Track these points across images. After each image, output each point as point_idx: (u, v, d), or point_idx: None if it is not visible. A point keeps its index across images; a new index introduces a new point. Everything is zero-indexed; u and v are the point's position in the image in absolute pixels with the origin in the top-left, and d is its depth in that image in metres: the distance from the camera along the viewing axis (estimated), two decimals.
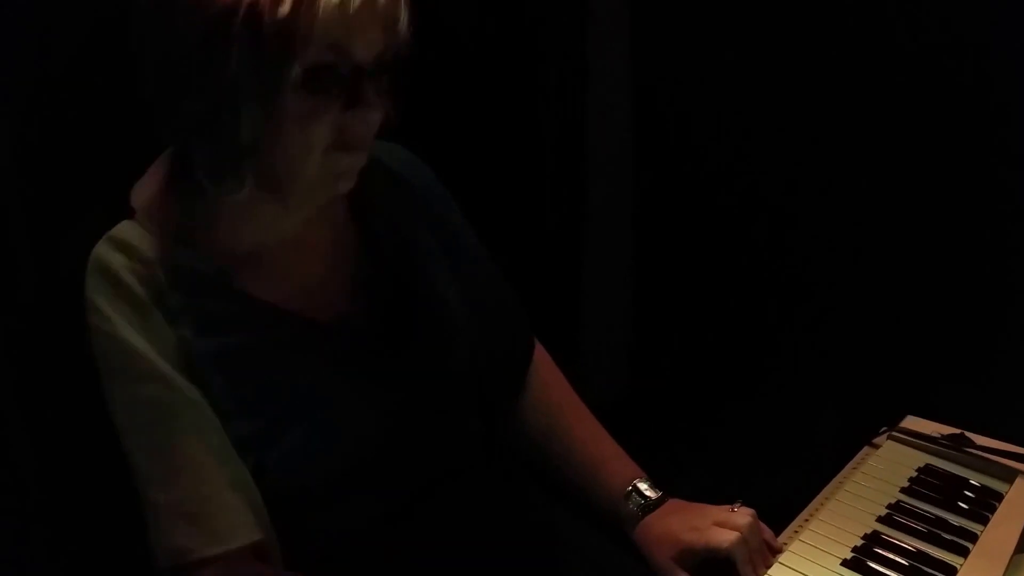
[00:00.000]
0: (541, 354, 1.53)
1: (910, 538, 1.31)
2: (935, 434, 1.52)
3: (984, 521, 1.33)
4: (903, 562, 1.25)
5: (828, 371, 2.27)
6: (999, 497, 1.39)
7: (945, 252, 2.11)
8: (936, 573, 1.23)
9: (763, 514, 1.32)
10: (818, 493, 1.42)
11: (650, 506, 1.37)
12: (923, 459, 1.49)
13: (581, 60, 2.40)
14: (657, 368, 2.54)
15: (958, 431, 1.51)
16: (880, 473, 1.45)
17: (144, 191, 1.17)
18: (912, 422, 1.56)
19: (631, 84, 2.56)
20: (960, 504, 1.37)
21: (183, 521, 1.09)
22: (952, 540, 1.30)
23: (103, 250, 1.13)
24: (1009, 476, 1.43)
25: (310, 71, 1.01)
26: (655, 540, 1.34)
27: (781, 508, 1.39)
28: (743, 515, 1.30)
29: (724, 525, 1.29)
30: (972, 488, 1.41)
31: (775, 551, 1.29)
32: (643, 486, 1.39)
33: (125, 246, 1.12)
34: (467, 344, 1.30)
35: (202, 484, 1.10)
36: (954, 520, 1.34)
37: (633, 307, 2.68)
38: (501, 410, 1.41)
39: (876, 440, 1.54)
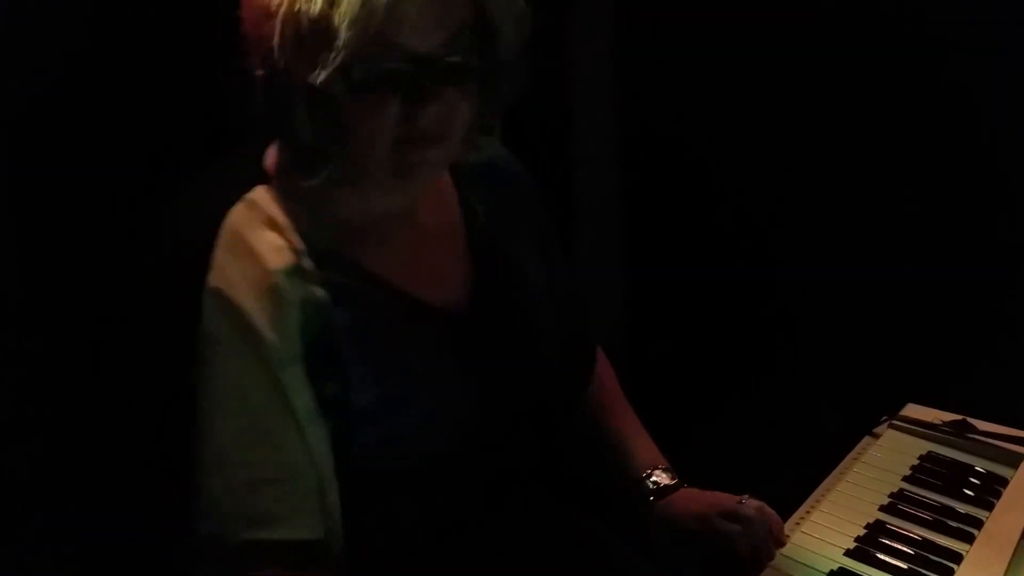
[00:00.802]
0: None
1: (914, 526, 1.28)
2: (936, 421, 1.50)
3: (989, 507, 1.31)
4: (907, 550, 1.23)
5: (828, 361, 2.24)
6: (1004, 482, 1.36)
7: (942, 239, 2.09)
8: (941, 561, 1.21)
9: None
10: (819, 484, 1.39)
11: (664, 491, 1.37)
12: (925, 447, 1.47)
13: (562, 58, 2.39)
14: (654, 358, 2.51)
15: (960, 418, 1.49)
16: (882, 462, 1.43)
17: (274, 158, 1.16)
18: (913, 410, 1.54)
19: (614, 79, 2.54)
20: (964, 491, 1.35)
21: (235, 502, 1.05)
22: (957, 527, 1.27)
23: (239, 214, 1.11)
24: (1013, 461, 1.41)
25: (359, 67, 1.00)
26: (663, 525, 1.34)
27: (783, 499, 1.36)
28: (749, 507, 1.28)
29: (730, 516, 1.28)
30: (976, 474, 1.39)
31: (781, 543, 1.27)
32: (660, 472, 1.39)
33: (262, 212, 1.11)
34: (555, 344, 1.30)
35: (272, 468, 1.07)
36: (959, 507, 1.32)
37: (627, 297, 2.66)
38: (564, 413, 1.42)
39: (877, 429, 1.52)
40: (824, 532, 1.28)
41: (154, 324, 1.18)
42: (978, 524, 1.28)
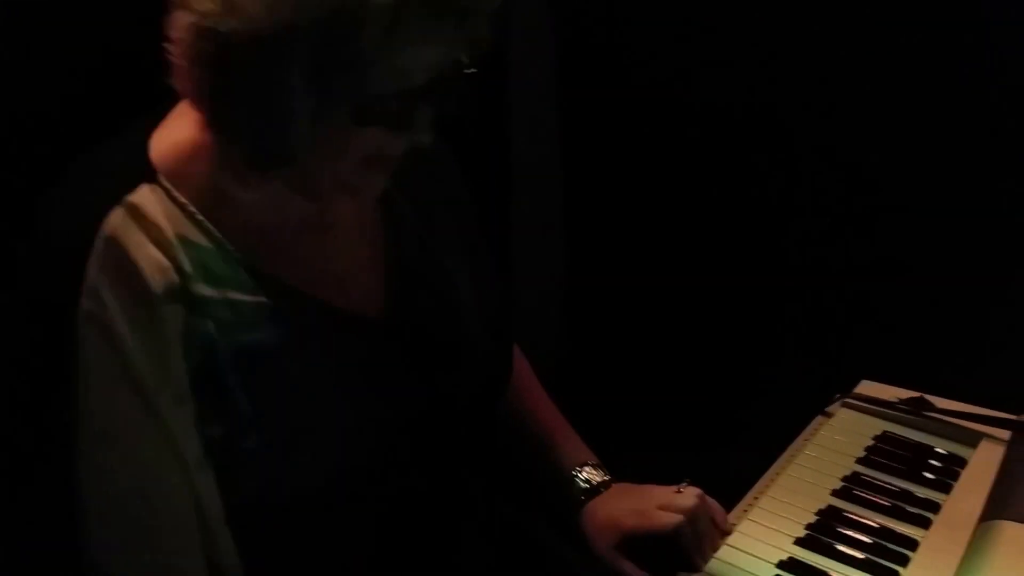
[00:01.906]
0: None
1: (868, 512, 1.21)
2: (892, 399, 1.43)
3: (947, 490, 1.25)
4: (862, 538, 1.16)
5: (779, 338, 2.18)
6: (963, 463, 1.30)
7: (893, 213, 2.03)
8: (896, 549, 1.14)
9: (713, 492, 1.24)
10: (769, 468, 1.32)
11: (594, 490, 1.30)
12: (881, 426, 1.40)
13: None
14: (596, 340, 2.45)
15: (917, 395, 1.42)
16: (834, 444, 1.36)
17: (168, 147, 1.02)
18: (867, 387, 1.47)
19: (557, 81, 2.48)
20: (922, 473, 1.28)
21: (124, 548, 0.96)
22: (914, 512, 1.20)
23: (119, 222, 0.96)
24: (973, 440, 1.34)
25: (370, 99, 0.93)
26: (598, 526, 1.27)
27: (733, 486, 1.31)
28: (688, 496, 1.21)
29: (668, 508, 1.20)
30: (934, 455, 1.32)
31: (725, 532, 1.20)
32: (589, 469, 1.32)
33: (147, 222, 0.97)
34: (477, 344, 1.22)
35: (153, 515, 0.97)
36: (916, 490, 1.25)
37: (566, 278, 2.59)
38: (491, 411, 1.34)
39: (829, 408, 1.45)
40: (773, 520, 1.21)
41: (17, 350, 1.01)
42: (935, 508, 1.21)
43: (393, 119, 0.95)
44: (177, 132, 1.01)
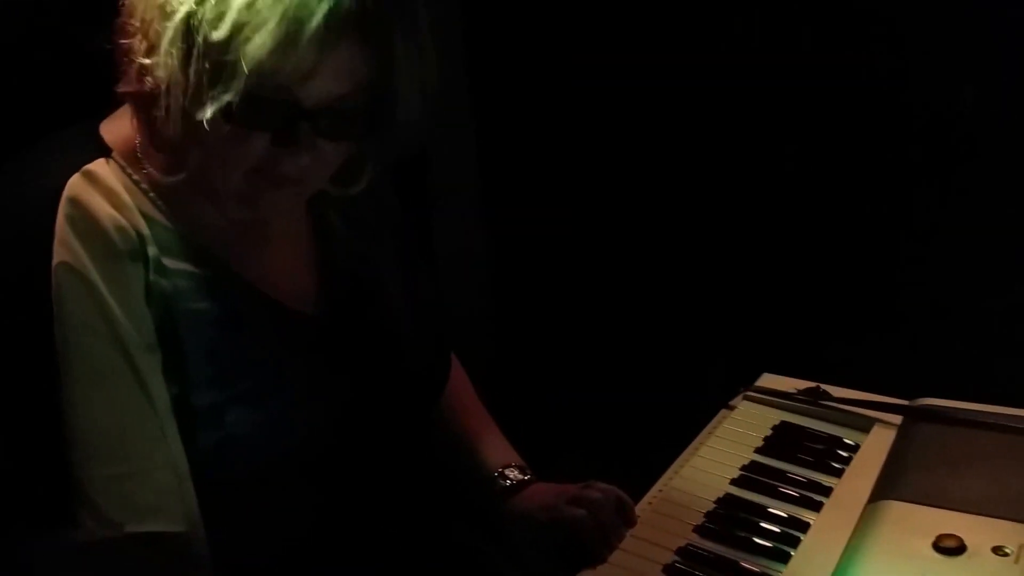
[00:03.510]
0: None
1: (764, 498, 1.26)
2: (792, 390, 1.48)
3: (839, 474, 1.30)
4: (755, 522, 1.21)
5: (690, 337, 2.24)
6: (855, 448, 1.35)
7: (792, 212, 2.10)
8: (789, 531, 1.19)
9: (627, 486, 1.28)
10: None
11: (514, 489, 1.35)
12: (779, 416, 1.45)
13: None
14: (520, 341, 2.50)
15: (814, 385, 1.47)
16: (735, 435, 1.41)
17: (120, 134, 1.08)
18: (768, 380, 1.52)
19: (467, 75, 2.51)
20: (815, 459, 1.34)
21: (116, 493, 1.00)
22: (806, 496, 1.26)
23: (80, 185, 1.02)
24: (866, 426, 1.40)
25: (242, 99, 0.94)
26: (515, 523, 1.32)
27: (645, 480, 1.34)
28: (594, 491, 1.26)
29: (576, 502, 1.25)
30: (826, 441, 1.38)
31: (631, 523, 1.24)
32: (511, 471, 1.36)
33: (104, 187, 1.03)
34: (413, 346, 1.27)
35: (141, 459, 1.01)
36: (809, 475, 1.30)
37: (492, 281, 2.64)
38: (429, 409, 1.38)
39: (732, 402, 1.49)
40: (675, 509, 1.25)
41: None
42: (827, 492, 1.26)
43: (268, 126, 0.98)
44: (125, 123, 1.07)
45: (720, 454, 1.36)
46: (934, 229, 1.97)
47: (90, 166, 1.04)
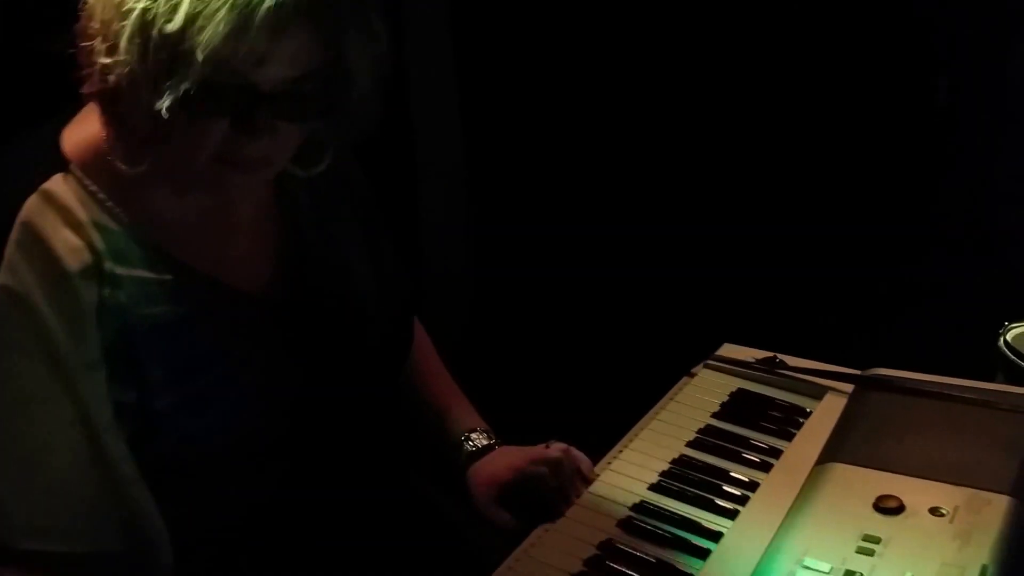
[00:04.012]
0: None
1: (717, 459, 1.32)
2: (750, 359, 1.53)
3: (790, 438, 1.36)
4: (708, 480, 1.27)
5: (657, 310, 2.30)
6: (807, 414, 1.41)
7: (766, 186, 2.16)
8: (738, 491, 1.25)
9: (591, 450, 1.35)
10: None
11: (479, 453, 1.39)
12: (737, 384, 1.51)
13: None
14: (499, 319, 2.55)
15: (771, 355, 1.53)
16: (694, 400, 1.47)
17: (80, 140, 1.10)
18: (728, 349, 1.58)
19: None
20: (768, 424, 1.39)
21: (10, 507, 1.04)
22: (757, 458, 1.31)
23: (34, 208, 1.05)
24: (819, 394, 1.46)
25: (200, 87, 0.97)
26: (480, 484, 1.37)
27: (607, 443, 1.40)
28: (554, 450, 1.32)
29: (536, 461, 1.31)
30: (780, 407, 1.44)
31: (589, 481, 1.30)
32: (475, 435, 1.41)
33: (60, 207, 1.06)
34: (376, 321, 1.30)
35: (56, 482, 1.04)
36: (761, 439, 1.36)
37: (473, 266, 2.69)
38: (394, 380, 1.42)
39: (693, 370, 1.55)
40: (631, 469, 1.32)
41: None
42: (777, 455, 1.32)
43: (227, 111, 1.01)
44: (86, 127, 1.10)
45: (678, 418, 1.42)
46: (900, 211, 2.03)
47: (47, 185, 1.07)
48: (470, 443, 1.40)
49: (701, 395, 1.48)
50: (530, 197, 2.50)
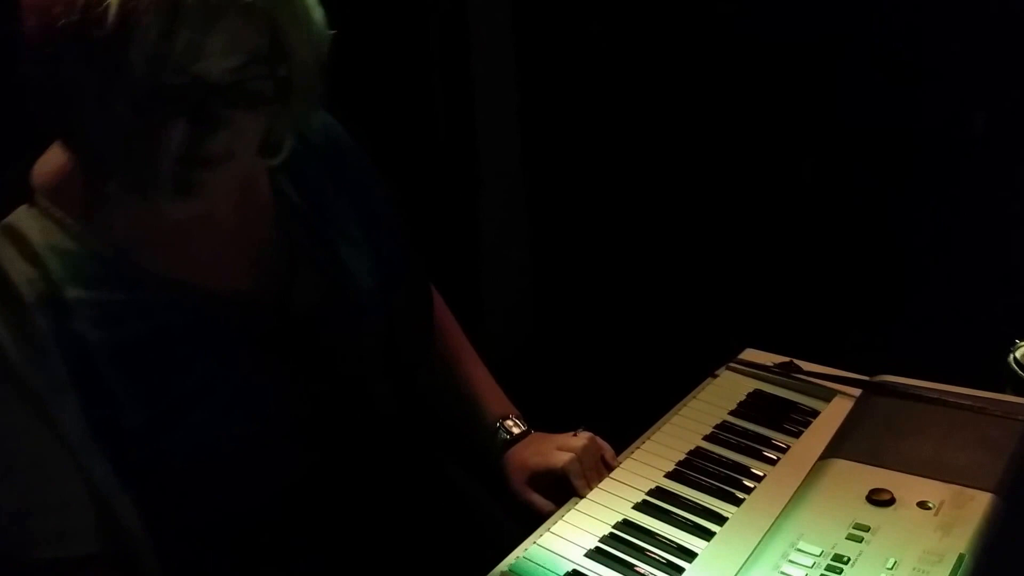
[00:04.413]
0: (437, 300, 1.57)
1: (728, 451, 1.44)
2: (768, 363, 1.65)
3: (798, 435, 1.47)
4: (718, 470, 1.40)
5: (687, 316, 2.40)
6: (815, 415, 1.53)
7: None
8: (745, 480, 1.37)
9: (621, 441, 1.46)
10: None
11: (513, 440, 1.51)
12: (755, 385, 1.63)
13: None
14: (557, 324, 2.67)
15: (788, 359, 1.65)
16: (714, 399, 1.58)
17: (48, 169, 1.13)
18: (750, 354, 1.70)
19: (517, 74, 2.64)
20: (779, 422, 1.51)
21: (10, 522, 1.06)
22: (766, 452, 1.43)
23: None
24: (829, 396, 1.57)
25: (146, 92, 0.97)
26: (513, 469, 1.48)
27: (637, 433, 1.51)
28: (581, 438, 1.44)
29: (564, 448, 1.42)
30: (792, 408, 1.55)
31: (611, 468, 1.42)
32: (510, 422, 1.52)
33: (19, 238, 1.09)
34: (377, 315, 1.34)
35: (56, 493, 1.07)
36: (771, 435, 1.48)
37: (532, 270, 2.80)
38: (414, 368, 1.48)
39: (717, 371, 1.67)
40: (651, 459, 1.44)
41: None
42: (783, 450, 1.44)
43: (183, 112, 1.00)
44: (56, 153, 1.13)
45: (699, 414, 1.54)
46: (915, 225, 2.11)
47: (9, 219, 1.11)
48: (504, 431, 1.50)
49: (721, 394, 1.60)
50: (584, 205, 2.61)
